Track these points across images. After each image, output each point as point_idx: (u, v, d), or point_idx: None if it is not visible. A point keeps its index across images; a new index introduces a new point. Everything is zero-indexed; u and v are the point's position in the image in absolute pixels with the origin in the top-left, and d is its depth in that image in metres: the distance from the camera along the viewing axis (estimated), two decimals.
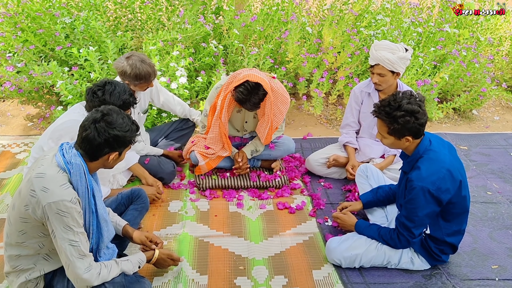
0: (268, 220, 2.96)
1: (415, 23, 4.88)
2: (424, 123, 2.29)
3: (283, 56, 4.54)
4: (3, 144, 3.79)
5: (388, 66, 3.00)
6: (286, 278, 2.48)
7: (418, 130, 2.28)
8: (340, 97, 4.72)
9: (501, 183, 3.50)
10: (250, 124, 3.35)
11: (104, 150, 1.97)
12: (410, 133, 2.29)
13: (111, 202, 2.58)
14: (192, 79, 4.31)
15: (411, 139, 2.32)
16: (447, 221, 2.41)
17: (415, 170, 2.30)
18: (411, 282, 2.48)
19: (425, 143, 2.34)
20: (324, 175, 3.44)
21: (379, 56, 3.00)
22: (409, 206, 2.33)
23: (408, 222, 2.36)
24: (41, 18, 4.13)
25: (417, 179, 2.26)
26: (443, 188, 2.26)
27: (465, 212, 2.45)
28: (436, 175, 2.25)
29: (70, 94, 3.57)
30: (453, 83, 4.58)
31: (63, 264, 1.93)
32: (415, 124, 2.25)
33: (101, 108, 2.01)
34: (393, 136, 2.33)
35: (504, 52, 5.36)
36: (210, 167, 3.26)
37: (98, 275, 1.95)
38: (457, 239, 2.49)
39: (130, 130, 2.02)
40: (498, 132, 4.44)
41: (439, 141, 2.39)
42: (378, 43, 3.05)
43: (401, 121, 2.24)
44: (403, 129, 2.28)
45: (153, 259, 2.30)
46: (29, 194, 1.87)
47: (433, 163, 2.28)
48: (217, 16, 4.86)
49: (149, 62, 2.92)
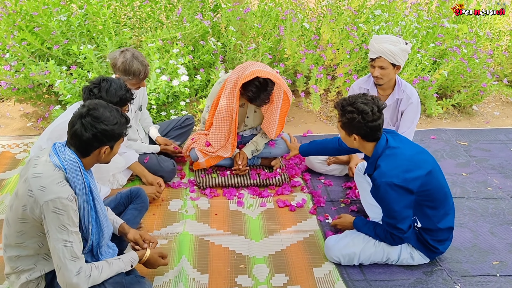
0: (269, 218, 2.96)
1: (411, 20, 4.86)
2: (375, 127, 2.32)
3: (281, 53, 4.53)
4: (3, 145, 3.78)
5: (390, 59, 2.98)
6: (286, 276, 2.48)
7: (366, 132, 2.34)
8: (339, 93, 4.71)
9: (502, 178, 3.49)
10: (251, 119, 3.34)
11: (93, 145, 1.96)
12: (357, 132, 2.35)
13: (110, 201, 2.58)
14: (191, 77, 4.30)
15: (358, 138, 2.37)
16: (432, 208, 2.41)
17: (377, 169, 2.33)
18: (412, 279, 2.47)
19: (382, 142, 2.38)
20: (324, 173, 3.44)
21: (381, 48, 2.97)
22: (383, 204, 2.36)
23: (390, 220, 2.37)
24: (38, 16, 4.12)
25: (379, 176, 2.30)
26: (409, 178, 2.28)
27: (448, 196, 2.46)
28: (398, 169, 2.28)
29: (69, 93, 3.56)
30: (453, 79, 4.57)
31: (55, 268, 1.91)
32: (362, 124, 2.30)
33: (87, 103, 1.99)
34: (344, 130, 2.42)
35: (503, 47, 5.35)
36: (209, 164, 3.26)
37: (88, 278, 1.92)
38: (449, 220, 2.48)
39: (119, 123, 2.00)
40: (498, 127, 4.43)
41: (396, 138, 2.42)
42: (378, 37, 3.04)
43: (348, 116, 2.33)
44: (350, 126, 2.36)
45: (143, 258, 2.26)
46: (26, 194, 1.87)
47: (393, 158, 2.32)
48: (216, 14, 4.85)
49: (142, 60, 2.91)
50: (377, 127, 2.33)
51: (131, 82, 2.94)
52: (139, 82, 2.97)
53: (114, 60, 2.90)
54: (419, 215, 2.44)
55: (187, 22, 4.30)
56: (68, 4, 4.45)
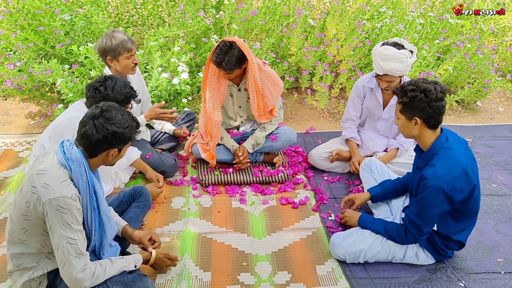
0: (271, 216, 2.94)
1: (414, 16, 4.84)
2: (438, 109, 2.22)
3: (285, 50, 4.51)
4: (6, 143, 3.79)
5: (398, 74, 2.96)
6: (289, 273, 2.47)
7: (429, 114, 2.22)
8: (342, 90, 4.69)
9: (506, 175, 3.46)
10: (243, 109, 3.34)
11: (103, 146, 1.97)
12: (419, 115, 2.24)
13: (113, 200, 2.58)
14: (193, 75, 4.29)
15: (420, 122, 2.26)
16: (455, 220, 2.38)
17: (430, 167, 2.24)
18: (415, 277, 2.46)
19: (441, 140, 2.29)
20: (327, 169, 3.42)
21: (388, 68, 2.92)
22: (421, 204, 2.28)
23: (418, 220, 2.32)
24: (40, 15, 4.12)
25: (432, 177, 2.21)
26: (457, 188, 2.22)
27: (475, 213, 2.42)
28: (451, 175, 2.20)
29: (70, 92, 3.56)
30: (457, 74, 4.53)
31: (57, 263, 1.91)
32: (425, 103, 2.20)
33: (101, 104, 2.00)
34: (404, 115, 2.30)
35: (508, 42, 5.30)
36: (211, 157, 3.25)
37: (92, 275, 1.93)
38: (464, 236, 2.46)
39: (130, 126, 2.01)
40: (503, 123, 4.40)
41: (456, 139, 2.33)
42: (384, 53, 2.93)
43: (410, 94, 2.22)
44: (412, 107, 2.24)
45: (151, 259, 2.29)
46: (30, 191, 1.87)
47: (449, 161, 2.22)
48: (218, 11, 4.83)
49: (123, 32, 2.98)
50: (440, 108, 2.22)
51: (125, 56, 2.95)
52: (131, 53, 2.97)
53: (100, 44, 2.94)
54: (440, 221, 2.40)
55: (189, 19, 4.28)
56: (70, 4, 4.44)
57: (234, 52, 2.93)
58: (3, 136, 3.92)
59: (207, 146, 3.27)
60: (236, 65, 2.98)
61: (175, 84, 3.69)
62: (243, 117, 3.39)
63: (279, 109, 3.33)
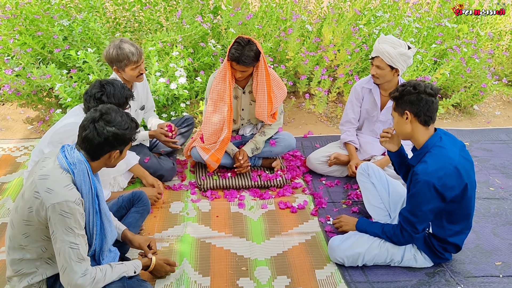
0: (270, 220, 2.95)
1: (412, 17, 4.86)
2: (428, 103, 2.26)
3: (282, 54, 4.53)
4: (4, 148, 3.78)
5: (387, 60, 3.01)
6: (288, 278, 2.47)
7: (419, 108, 2.27)
8: (340, 94, 4.71)
9: (504, 178, 3.48)
10: (246, 111, 3.34)
11: (104, 149, 1.98)
12: (409, 108, 2.29)
13: (112, 205, 2.58)
14: (191, 79, 4.30)
15: (411, 117, 2.30)
16: (450, 222, 2.40)
17: (422, 163, 2.28)
18: (414, 280, 2.46)
19: (435, 139, 2.32)
20: (326, 174, 3.43)
21: (380, 48, 3.02)
22: (413, 200, 2.31)
23: (411, 217, 2.34)
24: (39, 20, 4.12)
25: (422, 173, 2.24)
26: (449, 185, 2.24)
27: (470, 214, 2.43)
28: (442, 171, 2.23)
29: (69, 96, 3.56)
30: (453, 79, 4.56)
31: (58, 267, 1.91)
32: (413, 95, 2.26)
33: (100, 107, 2.02)
34: (397, 112, 2.36)
35: (504, 46, 5.34)
36: (215, 158, 3.22)
37: (92, 280, 1.93)
38: (460, 239, 2.47)
39: (130, 127, 2.03)
40: (499, 127, 4.42)
41: (451, 139, 2.36)
42: (383, 37, 3.08)
43: (400, 89, 2.31)
44: (402, 100, 2.31)
45: (151, 265, 2.29)
46: (33, 196, 1.87)
47: (441, 158, 2.26)
48: (215, 16, 4.85)
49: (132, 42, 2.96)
50: (430, 104, 2.26)
51: (131, 68, 2.95)
52: (137, 64, 2.96)
53: (107, 53, 2.94)
54: (435, 223, 2.42)
55: (187, 24, 4.30)
56: (68, 9, 4.45)
57: (252, 47, 2.94)
58: (0, 141, 3.91)
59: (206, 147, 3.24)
60: (254, 61, 2.98)
61: (172, 89, 3.70)
62: (244, 120, 3.39)
63: (280, 114, 3.35)
